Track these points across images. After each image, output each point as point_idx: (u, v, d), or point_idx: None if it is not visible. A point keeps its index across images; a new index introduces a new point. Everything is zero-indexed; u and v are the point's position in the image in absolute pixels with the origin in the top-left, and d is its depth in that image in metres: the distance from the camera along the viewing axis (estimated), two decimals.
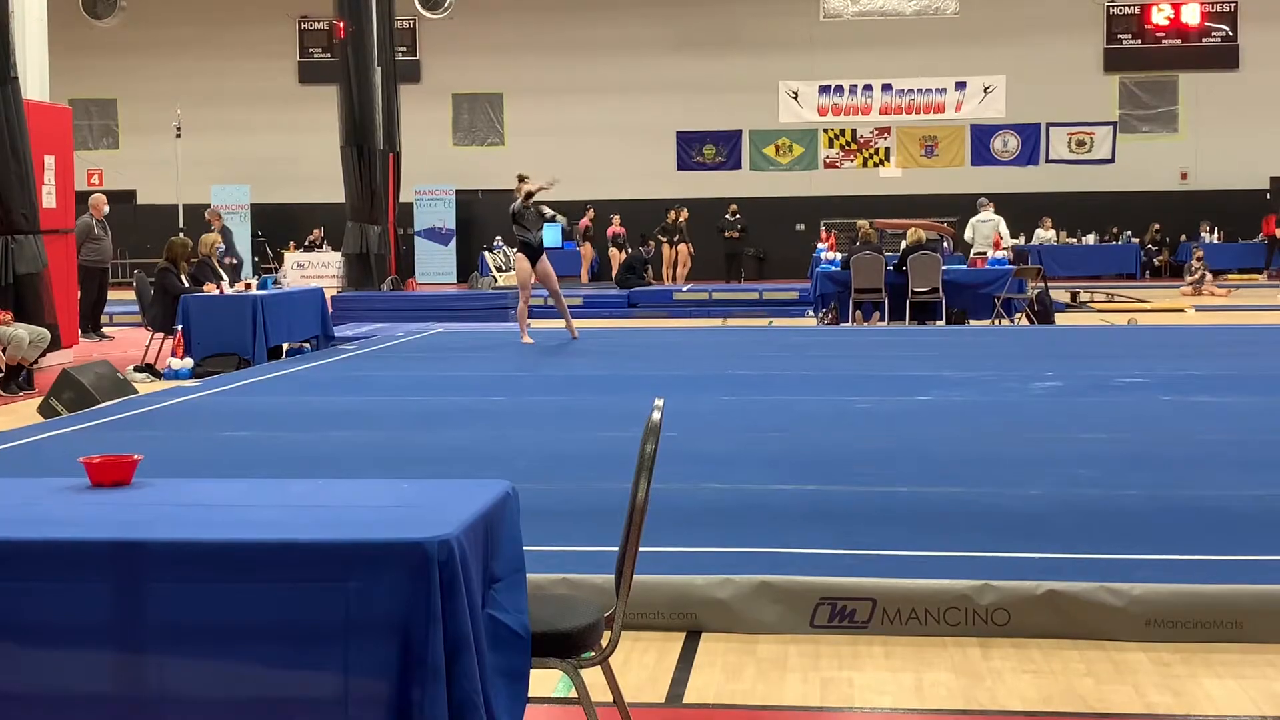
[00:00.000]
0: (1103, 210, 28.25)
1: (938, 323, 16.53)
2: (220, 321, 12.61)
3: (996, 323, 16.59)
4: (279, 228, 29.06)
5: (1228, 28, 28.39)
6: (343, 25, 20.76)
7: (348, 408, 9.48)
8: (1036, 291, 17.09)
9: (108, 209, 16.84)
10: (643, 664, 4.27)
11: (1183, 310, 18.97)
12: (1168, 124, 28.65)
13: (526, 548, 3.10)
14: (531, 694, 2.93)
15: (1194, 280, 22.80)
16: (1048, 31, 28.15)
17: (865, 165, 29.19)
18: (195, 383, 11.40)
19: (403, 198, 23.40)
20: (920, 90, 28.84)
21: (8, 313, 11.54)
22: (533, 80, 29.00)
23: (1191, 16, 28.39)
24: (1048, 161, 28.80)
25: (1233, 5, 28.36)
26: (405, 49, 27.61)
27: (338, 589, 2.59)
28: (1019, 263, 18.25)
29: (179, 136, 24.83)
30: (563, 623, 3.04)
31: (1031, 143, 28.78)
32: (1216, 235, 27.71)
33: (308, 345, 14.07)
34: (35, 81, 14.43)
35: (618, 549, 3.13)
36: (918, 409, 9.01)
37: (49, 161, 13.98)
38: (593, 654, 3.10)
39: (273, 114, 29.44)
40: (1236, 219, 27.69)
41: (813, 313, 17.71)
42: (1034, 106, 28.44)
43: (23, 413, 9.82)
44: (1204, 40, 28.48)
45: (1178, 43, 28.51)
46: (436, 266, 28.71)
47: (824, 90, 29.07)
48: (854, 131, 29.17)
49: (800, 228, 28.48)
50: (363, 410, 9.30)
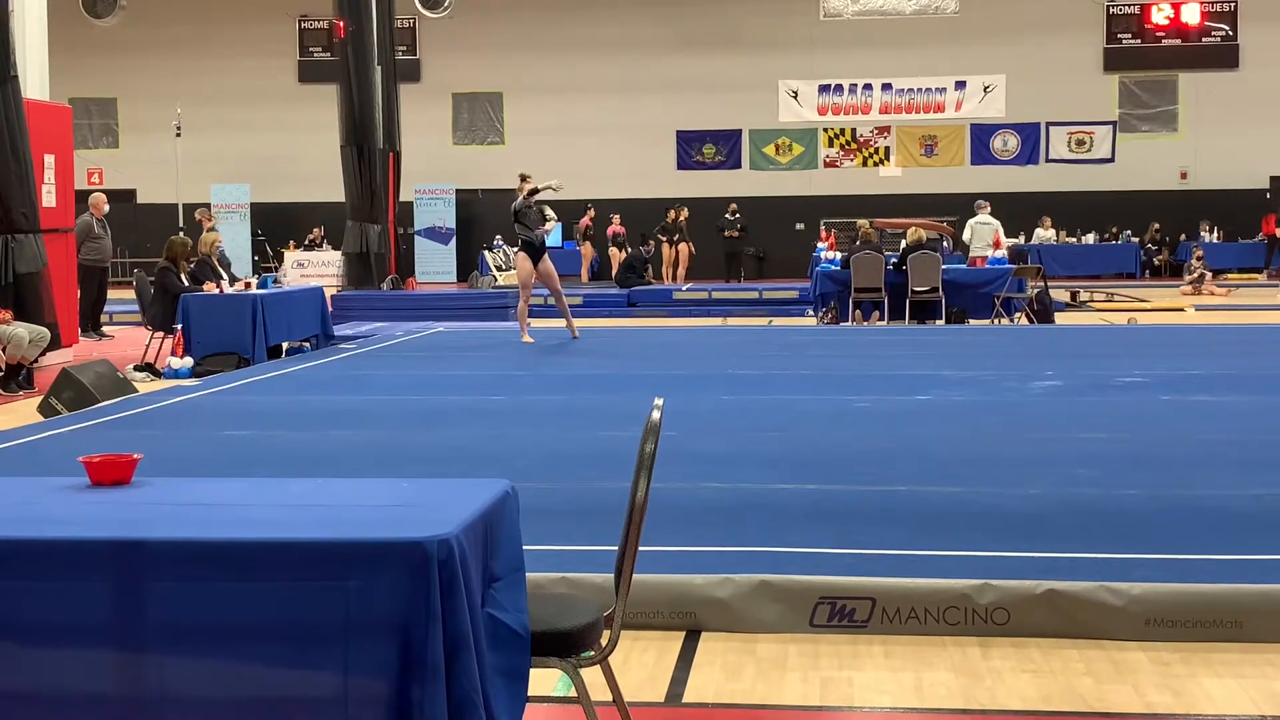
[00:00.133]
0: (1102, 210, 28.25)
1: (937, 322, 16.52)
2: (220, 321, 12.62)
3: (996, 322, 16.58)
4: (279, 227, 29.06)
5: (1227, 27, 28.38)
6: (342, 24, 20.76)
7: (347, 407, 9.48)
8: (1036, 291, 17.09)
9: (107, 208, 16.83)
10: (642, 663, 4.27)
11: (1182, 310, 18.96)
12: (1167, 123, 28.64)
13: (526, 547, 3.10)
14: (531, 693, 2.93)
15: (1194, 280, 22.79)
16: (1047, 31, 28.15)
17: (865, 165, 29.19)
18: (195, 382, 11.40)
19: (403, 197, 23.40)
20: (920, 90, 28.84)
21: (8, 311, 11.53)
22: (532, 79, 29.00)
23: (1191, 16, 28.38)
24: (1047, 161, 28.79)
25: (1232, 5, 28.35)
26: (405, 48, 27.61)
27: (337, 588, 2.59)
28: (1018, 262, 18.25)
29: (179, 135, 24.82)
30: (562, 622, 3.04)
31: (1031, 142, 28.77)
32: (1216, 235, 27.70)
33: (307, 344, 14.07)
34: (35, 80, 14.43)
35: (617, 548, 3.13)
36: (917, 408, 9.01)
37: (49, 160, 13.97)
38: (592, 653, 3.10)
39: (273, 113, 29.44)
40: (1236, 218, 27.68)
41: (812, 312, 17.71)
42: (1034, 106, 28.44)
43: (22, 412, 9.82)
44: (1204, 40, 28.47)
45: (1177, 42, 28.50)
46: (436, 266, 28.71)
47: (824, 90, 29.07)
48: (854, 131, 29.17)
49: (800, 227, 28.47)
50: (362, 409, 9.30)
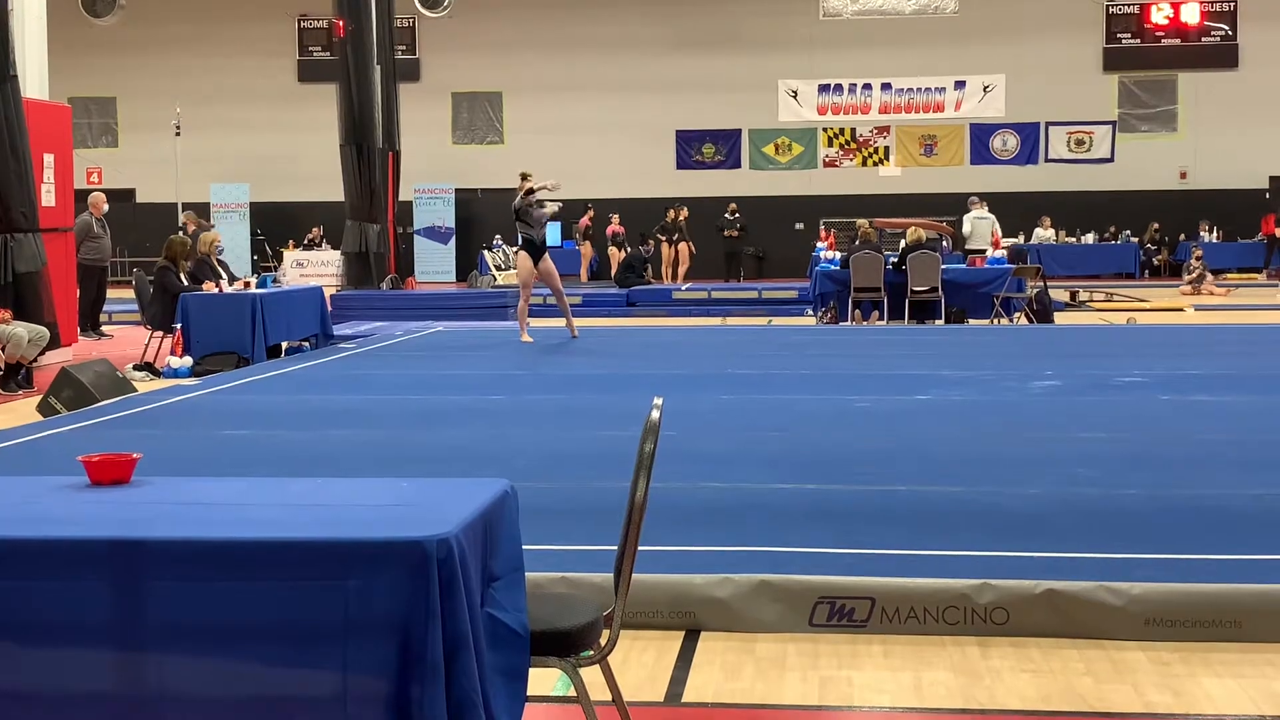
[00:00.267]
0: (1102, 209, 28.24)
1: (937, 322, 16.52)
2: (219, 320, 12.62)
3: (996, 322, 16.58)
4: (278, 226, 29.06)
5: (1227, 27, 28.38)
6: (342, 24, 20.77)
7: (347, 406, 9.48)
8: (1036, 291, 17.09)
9: (107, 207, 16.83)
10: (642, 663, 4.27)
11: (1182, 310, 18.96)
12: (1167, 123, 28.64)
13: (525, 546, 3.10)
14: (530, 692, 2.93)
15: (1193, 279, 22.78)
16: (1047, 31, 28.15)
17: (864, 164, 29.19)
18: (194, 381, 11.39)
19: (402, 196, 23.40)
20: (919, 89, 28.84)
21: (7, 311, 11.53)
22: (532, 79, 28.99)
23: (1191, 16, 28.38)
24: (1047, 161, 28.79)
25: (1232, 5, 28.35)
26: (405, 47, 27.61)
27: (337, 587, 2.58)
28: (1018, 262, 18.25)
29: (178, 135, 24.80)
30: (562, 621, 3.04)
31: (1031, 142, 28.77)
32: (1215, 234, 27.70)
33: (307, 344, 14.06)
34: (34, 80, 14.43)
35: (617, 548, 3.13)
36: (917, 408, 9.01)
37: (48, 160, 13.97)
38: (592, 653, 3.10)
39: (272, 112, 29.43)
40: (1235, 218, 27.68)
41: (812, 312, 17.70)
42: (1033, 106, 28.44)
43: (22, 411, 9.82)
44: (1203, 40, 28.47)
45: (1177, 42, 28.51)
46: (436, 265, 28.71)
47: (823, 89, 29.07)
48: (853, 130, 29.16)
49: (799, 227, 28.48)
50: (362, 409, 9.30)
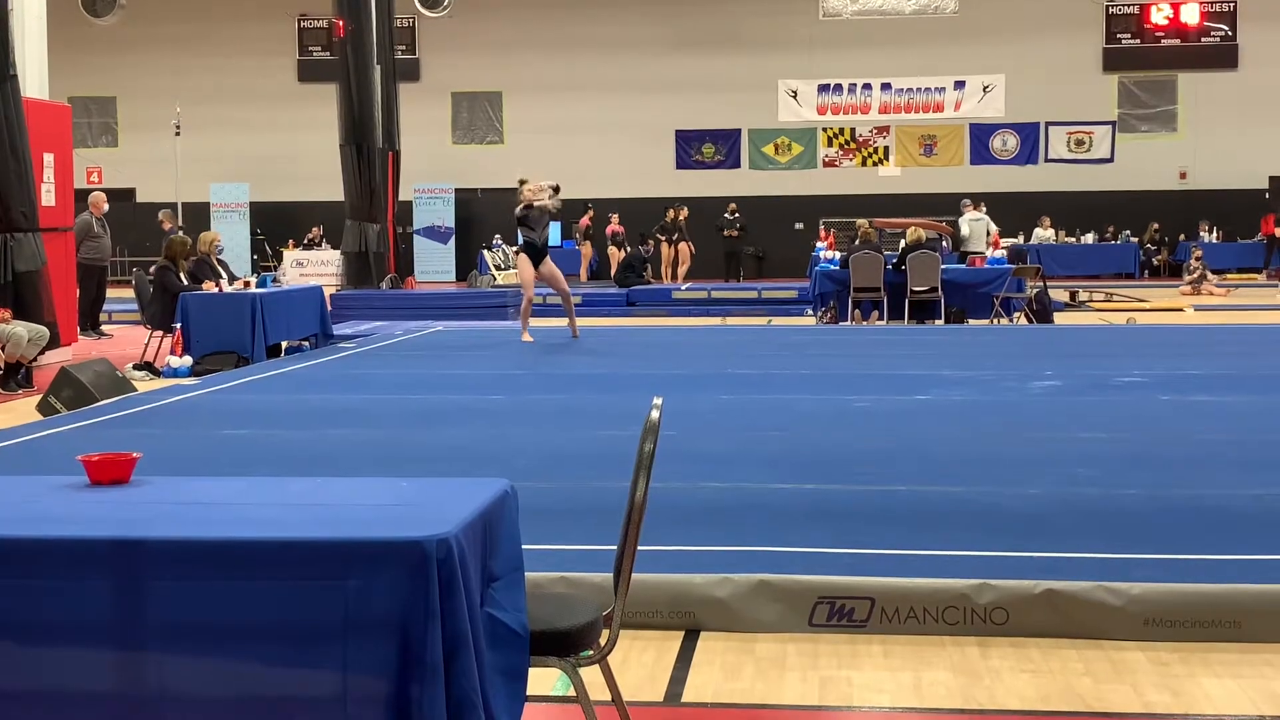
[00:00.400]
0: (1101, 210, 28.25)
1: (936, 322, 16.52)
2: (219, 319, 12.61)
3: (995, 322, 16.58)
4: (278, 226, 29.06)
5: (1227, 27, 28.39)
6: (342, 23, 20.76)
7: (346, 406, 9.47)
8: (1035, 291, 17.09)
9: (107, 207, 16.83)
10: (641, 663, 4.27)
11: (1181, 310, 18.96)
12: (1167, 123, 28.65)
13: (525, 546, 3.10)
14: (530, 692, 2.93)
15: (1193, 280, 22.78)
16: (1047, 31, 28.15)
17: (864, 164, 29.20)
18: (194, 381, 11.39)
19: (402, 196, 23.39)
20: (919, 89, 28.84)
21: (7, 310, 11.53)
22: (532, 78, 28.99)
23: (1191, 16, 28.38)
24: (1047, 161, 28.80)
25: (1232, 5, 28.36)
26: (404, 47, 27.61)
27: (337, 587, 2.58)
28: (1017, 262, 18.26)
29: (178, 134, 24.79)
30: (561, 621, 3.04)
31: (1030, 142, 28.77)
32: (1215, 235, 27.70)
33: (307, 343, 14.06)
34: (34, 79, 14.42)
35: (616, 548, 3.13)
36: (917, 408, 9.00)
37: (48, 159, 13.97)
38: (591, 652, 3.10)
39: (272, 112, 29.44)
40: (1235, 218, 27.68)
41: (811, 312, 17.70)
42: (1033, 106, 28.45)
43: (21, 410, 9.81)
44: (1203, 40, 28.47)
45: (1177, 42, 28.51)
46: (436, 265, 28.71)
47: (823, 89, 29.07)
48: (853, 130, 29.17)
49: (799, 227, 28.48)
50: (362, 409, 9.29)
